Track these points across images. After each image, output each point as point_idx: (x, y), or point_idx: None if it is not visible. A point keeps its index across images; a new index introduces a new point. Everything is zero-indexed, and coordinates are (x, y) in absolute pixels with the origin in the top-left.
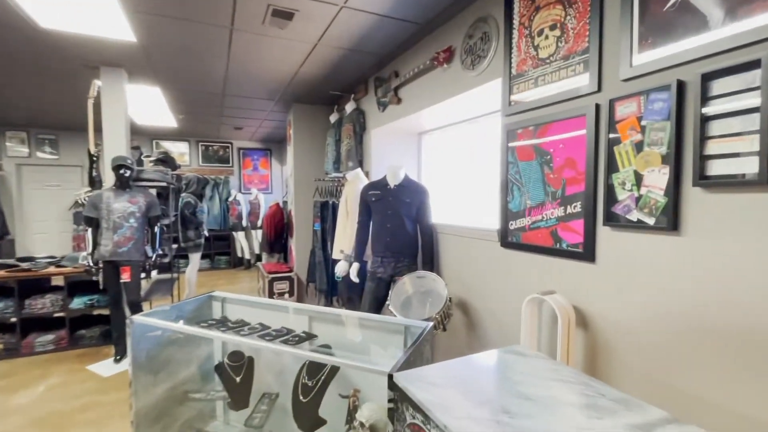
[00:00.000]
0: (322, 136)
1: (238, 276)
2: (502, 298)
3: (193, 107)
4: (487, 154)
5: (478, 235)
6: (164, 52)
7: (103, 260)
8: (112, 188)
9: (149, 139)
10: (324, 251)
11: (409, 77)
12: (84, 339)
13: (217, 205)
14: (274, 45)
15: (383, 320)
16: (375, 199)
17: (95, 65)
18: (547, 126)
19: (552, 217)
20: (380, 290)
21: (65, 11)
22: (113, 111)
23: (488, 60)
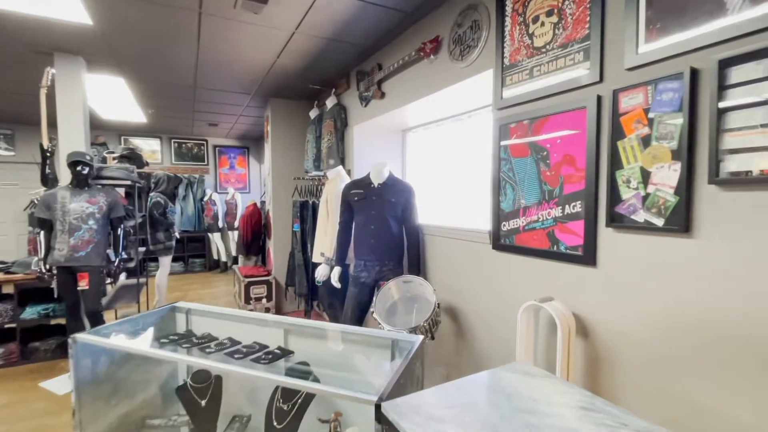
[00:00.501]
0: (301, 132)
1: (214, 279)
2: (494, 304)
3: (163, 101)
4: (474, 151)
5: (467, 237)
6: (125, 38)
7: (58, 266)
8: (68, 187)
9: (117, 135)
10: (304, 253)
11: (393, 70)
12: (38, 352)
13: (191, 205)
14: (248, 32)
15: (368, 333)
16: (358, 199)
17: (48, 51)
18: (543, 120)
19: (549, 217)
20: (363, 296)
21: None
22: (69, 102)
23: (478, 50)
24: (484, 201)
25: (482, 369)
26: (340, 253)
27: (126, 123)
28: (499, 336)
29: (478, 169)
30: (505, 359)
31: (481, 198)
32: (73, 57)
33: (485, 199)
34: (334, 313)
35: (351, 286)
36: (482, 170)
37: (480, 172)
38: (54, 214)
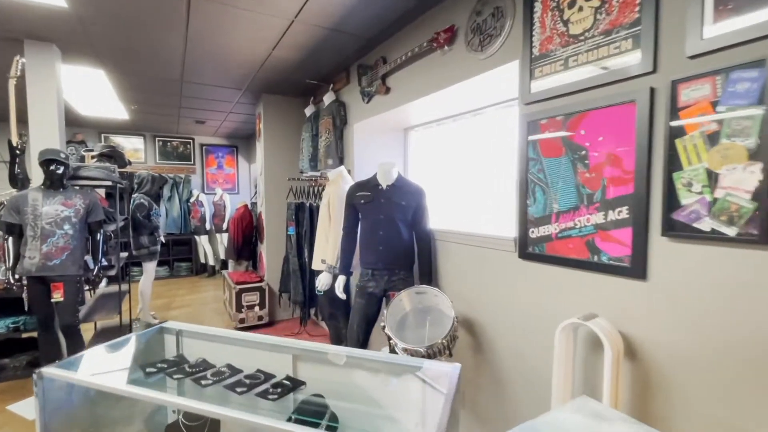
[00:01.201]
0: (296, 130)
1: (201, 284)
2: (521, 318)
3: (147, 96)
4: (487, 150)
5: (488, 244)
6: (105, 24)
7: (29, 275)
8: (41, 188)
9: (97, 133)
10: (299, 258)
11: (399, 63)
12: (6, 370)
13: (176, 206)
14: (243, 20)
15: (388, 360)
16: (364, 202)
17: (17, 37)
18: (581, 116)
19: (588, 224)
20: (371, 307)
21: None
22: (41, 94)
23: (501, 40)
24: (500, 204)
25: (506, 388)
26: (345, 261)
27: (106, 119)
28: (526, 352)
29: (491, 169)
30: (533, 378)
31: (497, 201)
32: (46, 45)
33: (502, 202)
34: (335, 324)
35: (357, 297)
36: (497, 171)
37: (494, 172)
38: (24, 219)
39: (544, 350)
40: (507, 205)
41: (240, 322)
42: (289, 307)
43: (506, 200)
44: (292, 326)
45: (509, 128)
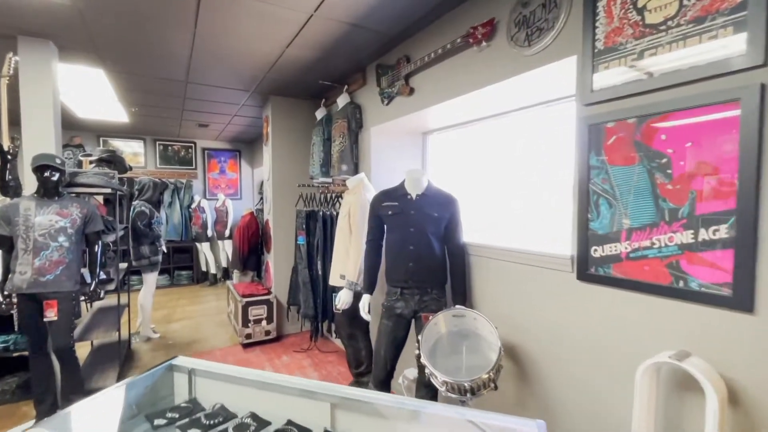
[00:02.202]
0: (305, 135)
1: (203, 294)
2: (581, 349)
3: (149, 98)
4: (525, 155)
5: (536, 262)
6: (107, 19)
7: (19, 293)
8: (34, 197)
9: (95, 137)
10: (310, 270)
11: (426, 62)
12: None
13: (177, 212)
14: (258, 14)
15: (442, 413)
16: (392, 213)
17: (10, 33)
18: (662, 117)
19: (671, 244)
20: (399, 330)
21: None
22: (36, 95)
23: (554, 33)
24: (543, 216)
25: (562, 427)
26: (370, 278)
27: (105, 122)
28: (590, 388)
29: (527, 176)
30: (598, 418)
31: (539, 213)
32: (42, 41)
33: (545, 214)
34: (354, 345)
35: (383, 318)
36: (536, 178)
37: (532, 180)
38: (15, 230)
39: (614, 387)
40: (552, 217)
41: (246, 338)
42: (298, 321)
43: (550, 212)
44: (302, 341)
45: (552, 130)
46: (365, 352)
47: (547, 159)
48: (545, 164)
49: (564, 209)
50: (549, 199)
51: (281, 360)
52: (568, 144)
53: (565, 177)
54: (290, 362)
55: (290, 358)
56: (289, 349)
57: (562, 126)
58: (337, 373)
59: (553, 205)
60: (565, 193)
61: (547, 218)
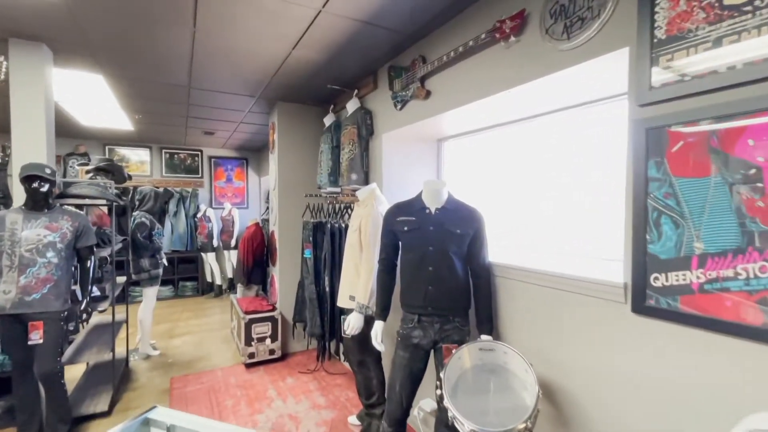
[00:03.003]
0: (313, 142)
1: (207, 306)
2: (633, 396)
3: (152, 104)
4: (556, 162)
5: (579, 288)
6: (100, 19)
7: (2, 313)
8: (21, 209)
9: (101, 145)
10: (317, 286)
11: (445, 62)
12: None
13: (182, 221)
14: (260, 10)
15: None
16: (408, 229)
17: (1, 36)
18: (748, 118)
19: (763, 275)
20: (416, 363)
21: None
22: (27, 101)
23: (599, 22)
24: (580, 234)
25: None
26: (383, 303)
27: (110, 130)
28: None
29: (560, 187)
30: None
31: (572, 230)
32: (35, 44)
33: (584, 231)
34: (365, 373)
35: (398, 348)
36: (570, 189)
37: (564, 193)
38: (0, 245)
39: None
40: (595, 235)
41: (249, 357)
42: (304, 338)
43: (592, 229)
44: (307, 361)
45: (593, 134)
46: (377, 381)
47: (587, 167)
48: (585, 173)
49: (611, 227)
50: (590, 214)
51: (286, 382)
52: (614, 150)
53: (611, 189)
54: (295, 385)
55: (295, 381)
56: (295, 369)
57: (607, 129)
58: (345, 398)
59: (596, 221)
60: (612, 208)
61: (589, 236)
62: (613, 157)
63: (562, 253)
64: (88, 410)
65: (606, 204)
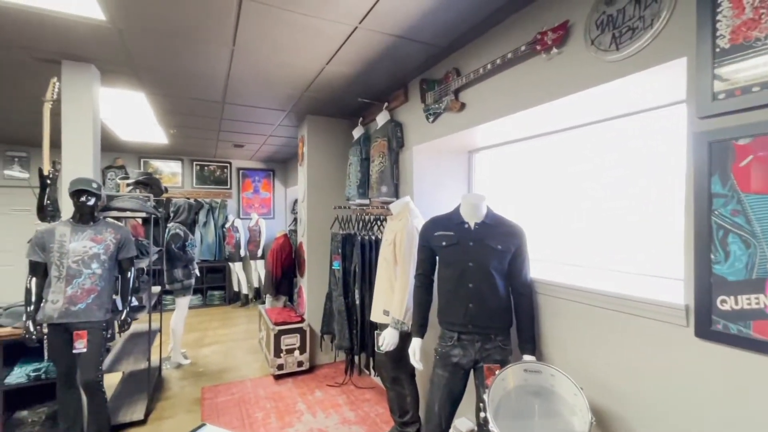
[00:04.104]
0: (342, 154)
1: (234, 316)
2: (700, 429)
3: (187, 119)
4: (601, 175)
5: (633, 309)
6: (145, 39)
7: (50, 322)
8: (70, 222)
9: (137, 158)
10: (346, 298)
11: (481, 74)
12: (24, 425)
13: (211, 232)
14: (298, 27)
15: None
16: (446, 244)
17: (54, 59)
18: None
19: None
20: (456, 383)
21: None
22: (77, 119)
23: (652, 32)
24: (627, 250)
25: None
26: (421, 319)
27: (146, 144)
28: None
29: (605, 202)
30: None
31: (619, 246)
32: (85, 65)
33: (633, 248)
34: (398, 390)
35: (437, 367)
36: (614, 204)
37: (610, 206)
38: (50, 257)
39: None
40: (644, 251)
41: (278, 369)
42: (332, 350)
43: (642, 246)
44: (335, 374)
45: (642, 145)
46: (411, 398)
47: (632, 180)
48: (630, 186)
49: (659, 242)
50: (634, 229)
51: (314, 396)
52: (664, 161)
53: (661, 202)
54: (324, 398)
55: (324, 394)
56: (323, 382)
57: (654, 140)
58: (375, 414)
59: (641, 236)
60: (661, 223)
61: (635, 253)
62: (664, 168)
63: (605, 269)
64: (125, 418)
65: (654, 218)
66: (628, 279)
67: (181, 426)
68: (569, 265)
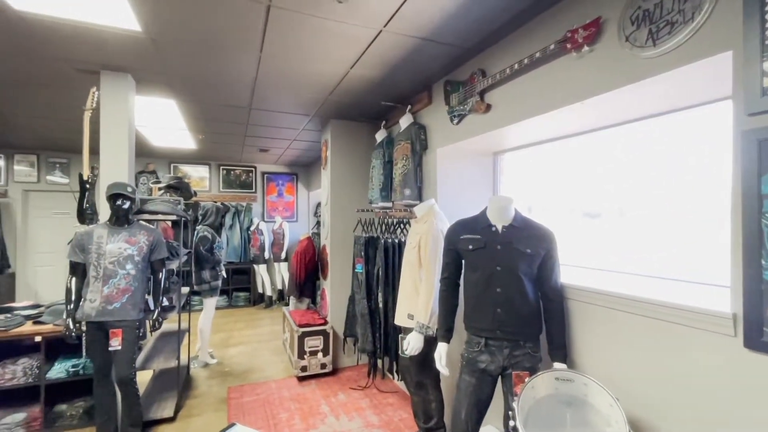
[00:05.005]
0: (365, 158)
1: (259, 317)
2: None
3: (215, 125)
4: (635, 176)
5: (673, 317)
6: (178, 49)
7: (88, 320)
8: (106, 224)
9: (167, 163)
10: (369, 301)
11: (507, 74)
12: (63, 418)
13: (237, 234)
14: (323, 32)
15: None
16: (473, 248)
17: (94, 69)
18: None
19: None
20: (484, 389)
21: None
22: (114, 126)
23: (694, 26)
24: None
25: None
26: (447, 324)
27: (176, 149)
28: None
29: (639, 203)
30: None
31: (655, 249)
32: (122, 75)
33: (670, 251)
34: (423, 396)
35: (464, 373)
36: (649, 206)
37: (643, 208)
38: (88, 257)
39: None
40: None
41: (302, 370)
42: (354, 353)
43: (681, 249)
44: (358, 377)
45: (679, 143)
46: (436, 404)
47: (674, 181)
48: (671, 188)
49: (699, 246)
50: (679, 234)
51: (338, 398)
52: (710, 162)
53: (705, 206)
54: (347, 402)
55: (347, 397)
56: (346, 385)
57: (699, 138)
58: (398, 418)
59: (686, 242)
60: (706, 228)
61: (676, 258)
62: (705, 169)
63: (640, 275)
64: (155, 415)
65: (696, 222)
66: (666, 285)
67: (209, 424)
68: (600, 270)
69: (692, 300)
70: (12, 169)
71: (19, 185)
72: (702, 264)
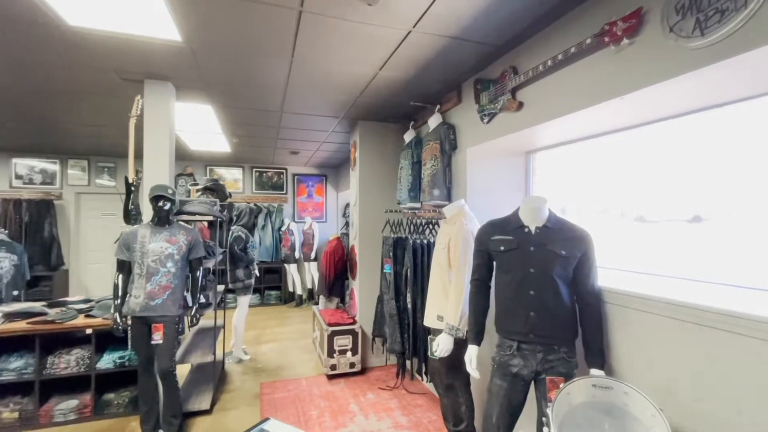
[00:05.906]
0: (393, 159)
1: (289, 315)
2: None
3: (248, 129)
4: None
5: (724, 324)
6: (215, 56)
7: (133, 315)
8: (149, 225)
9: (204, 166)
10: (397, 302)
11: (540, 71)
12: (111, 406)
13: (269, 234)
14: (353, 35)
15: None
16: (505, 249)
17: (139, 78)
18: None
19: None
20: (516, 394)
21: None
22: (157, 132)
23: (747, 13)
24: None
25: None
26: (478, 326)
27: (212, 153)
28: None
29: (687, 203)
30: None
31: (704, 252)
32: (163, 83)
33: (721, 254)
34: (453, 398)
35: (495, 377)
36: (697, 206)
37: (692, 208)
38: (133, 256)
39: None
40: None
41: (331, 369)
42: (383, 353)
43: (733, 252)
44: (386, 377)
45: (727, 140)
46: (465, 407)
47: (724, 179)
48: (720, 187)
49: (757, 251)
50: (727, 235)
51: (366, 398)
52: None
53: (759, 206)
54: (376, 401)
55: (376, 397)
56: (374, 385)
57: (753, 134)
58: (427, 420)
59: (735, 244)
60: (761, 229)
61: (722, 261)
62: (760, 166)
63: (681, 277)
64: (193, 407)
65: (748, 223)
66: (712, 290)
67: (244, 417)
68: (639, 273)
69: (745, 306)
70: (66, 173)
71: (72, 188)
72: (755, 267)
